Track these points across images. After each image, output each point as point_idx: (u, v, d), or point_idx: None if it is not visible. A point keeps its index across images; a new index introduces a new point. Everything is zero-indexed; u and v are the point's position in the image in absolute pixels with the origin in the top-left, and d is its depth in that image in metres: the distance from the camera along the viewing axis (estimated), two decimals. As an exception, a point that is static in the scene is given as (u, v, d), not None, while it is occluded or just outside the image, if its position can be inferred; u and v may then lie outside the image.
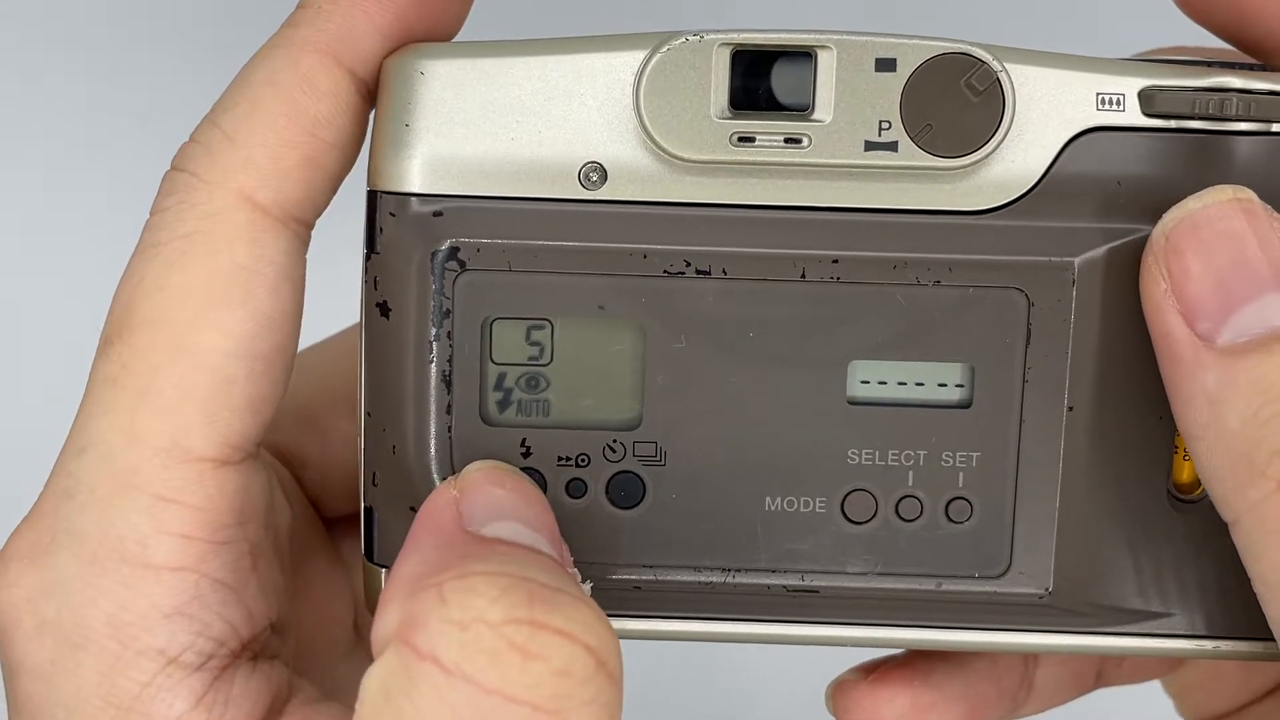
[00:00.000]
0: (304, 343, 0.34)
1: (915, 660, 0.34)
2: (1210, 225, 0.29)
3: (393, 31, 0.31)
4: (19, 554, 0.30)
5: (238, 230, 0.30)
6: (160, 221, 0.30)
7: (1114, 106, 0.30)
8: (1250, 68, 0.31)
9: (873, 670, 0.34)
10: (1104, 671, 0.37)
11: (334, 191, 0.31)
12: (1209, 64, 0.31)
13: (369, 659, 0.37)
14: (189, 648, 0.30)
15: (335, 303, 0.37)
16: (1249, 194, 0.29)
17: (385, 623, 0.27)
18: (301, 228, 0.31)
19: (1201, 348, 0.28)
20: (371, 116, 0.32)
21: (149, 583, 0.29)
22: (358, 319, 0.32)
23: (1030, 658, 0.36)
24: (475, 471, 0.30)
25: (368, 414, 0.31)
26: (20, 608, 0.30)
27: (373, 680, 0.26)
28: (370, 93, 0.31)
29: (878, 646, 0.33)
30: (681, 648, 0.33)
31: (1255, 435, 0.28)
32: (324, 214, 0.32)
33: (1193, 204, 0.29)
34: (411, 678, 0.26)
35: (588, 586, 0.29)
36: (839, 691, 0.34)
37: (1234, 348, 0.28)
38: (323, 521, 0.37)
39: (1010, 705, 0.35)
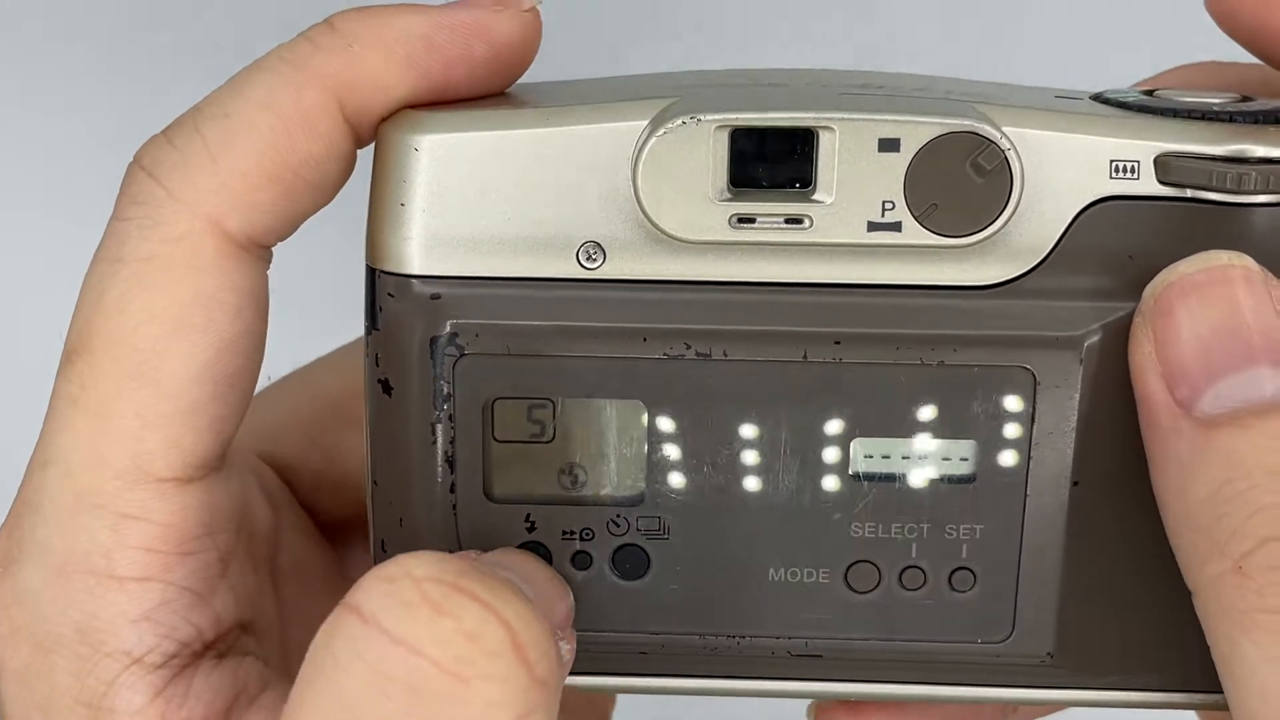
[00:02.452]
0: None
1: None
2: (1201, 290, 0.28)
3: (406, 98, 0.30)
4: None
5: (203, 258, 0.29)
6: (124, 233, 0.30)
7: (1128, 174, 0.29)
8: (1277, 118, 0.30)
9: None
10: None
11: (300, 224, 0.31)
12: (1230, 116, 0.30)
13: None
14: (154, 649, 0.30)
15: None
16: (1247, 260, 0.29)
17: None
18: (265, 251, 0.31)
19: (1179, 414, 0.28)
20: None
21: (115, 593, 0.30)
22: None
23: None
24: (500, 549, 0.31)
25: (374, 483, 0.31)
26: None
27: (314, 639, 0.27)
28: (360, 142, 0.31)
29: (879, 700, 0.34)
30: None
31: (1218, 511, 0.27)
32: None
33: (1185, 267, 0.29)
34: (337, 628, 0.26)
35: (566, 648, 0.30)
36: (820, 714, 0.35)
37: (1210, 418, 0.28)
38: (326, 534, 0.37)
39: None
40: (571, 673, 0.31)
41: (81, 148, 0.55)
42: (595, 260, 0.30)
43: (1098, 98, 0.32)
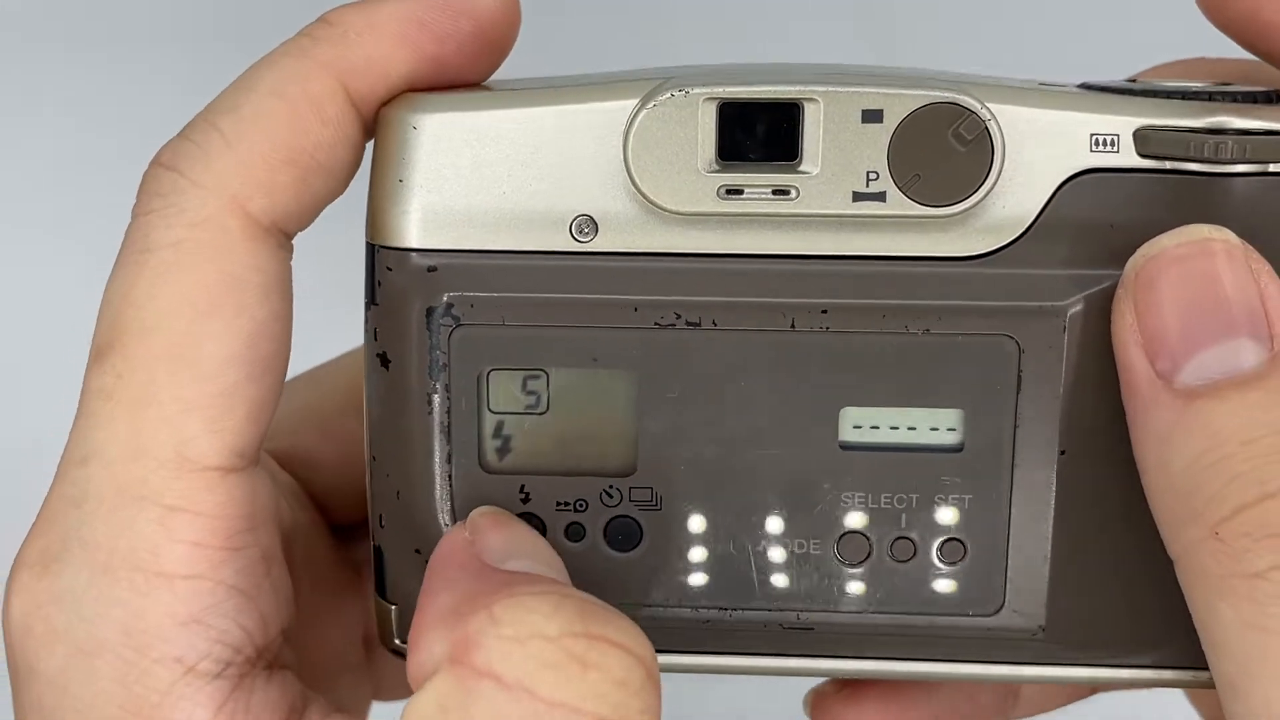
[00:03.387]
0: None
1: None
2: (1183, 263, 0.29)
3: (405, 81, 0.31)
4: (29, 561, 0.30)
5: (228, 239, 0.30)
6: (148, 224, 0.30)
7: (1108, 148, 0.30)
8: (1254, 98, 0.31)
9: (848, 683, 0.35)
10: None
11: (318, 212, 0.31)
12: (1209, 95, 0.31)
13: (374, 676, 0.37)
14: (206, 655, 0.30)
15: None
16: (1227, 234, 0.29)
17: (429, 654, 0.27)
18: (287, 240, 0.31)
19: (1159, 386, 0.29)
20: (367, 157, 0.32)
21: (162, 591, 0.29)
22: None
23: None
24: (482, 516, 0.30)
25: (372, 458, 0.32)
26: (31, 615, 0.30)
27: (423, 705, 0.26)
28: (369, 128, 0.31)
29: (872, 678, 0.34)
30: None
31: (1196, 479, 0.28)
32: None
33: (1167, 241, 0.29)
34: (470, 695, 0.26)
35: None
36: (816, 702, 0.35)
37: (1190, 390, 0.28)
38: (334, 531, 0.37)
39: (993, 717, 0.36)
40: None
41: (75, 158, 0.56)
42: (587, 233, 0.31)
43: (1082, 86, 0.33)
